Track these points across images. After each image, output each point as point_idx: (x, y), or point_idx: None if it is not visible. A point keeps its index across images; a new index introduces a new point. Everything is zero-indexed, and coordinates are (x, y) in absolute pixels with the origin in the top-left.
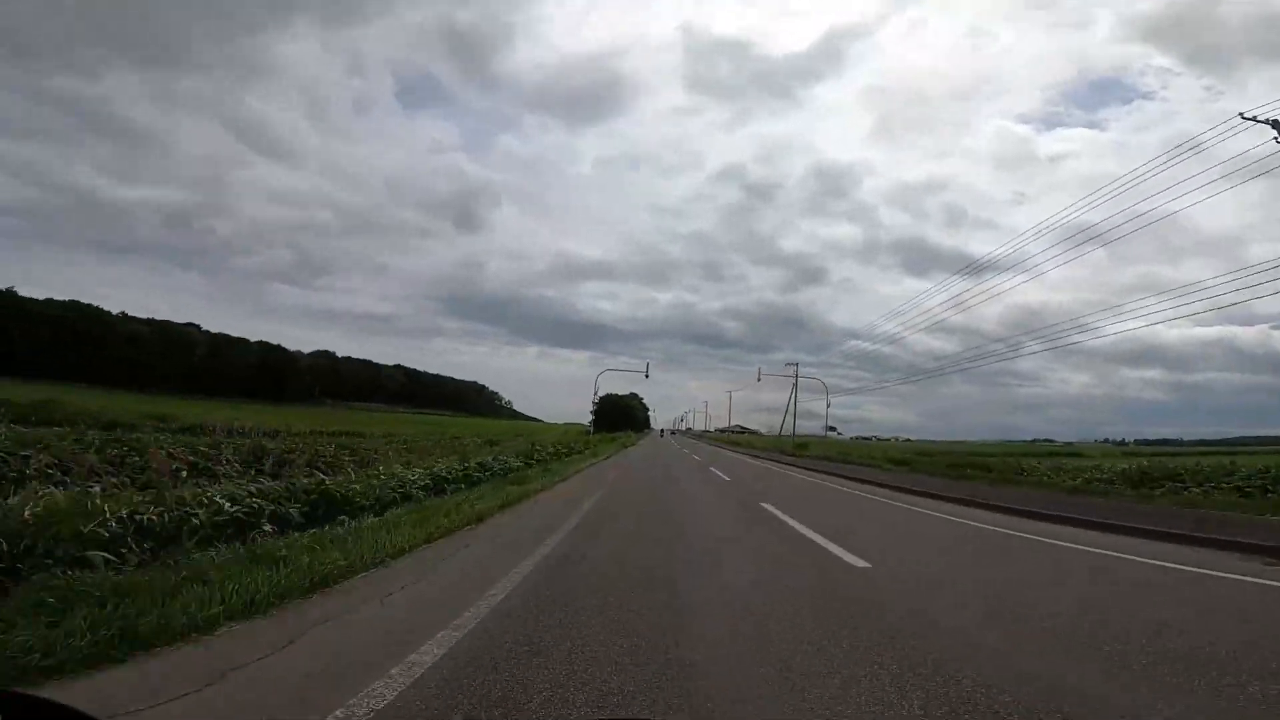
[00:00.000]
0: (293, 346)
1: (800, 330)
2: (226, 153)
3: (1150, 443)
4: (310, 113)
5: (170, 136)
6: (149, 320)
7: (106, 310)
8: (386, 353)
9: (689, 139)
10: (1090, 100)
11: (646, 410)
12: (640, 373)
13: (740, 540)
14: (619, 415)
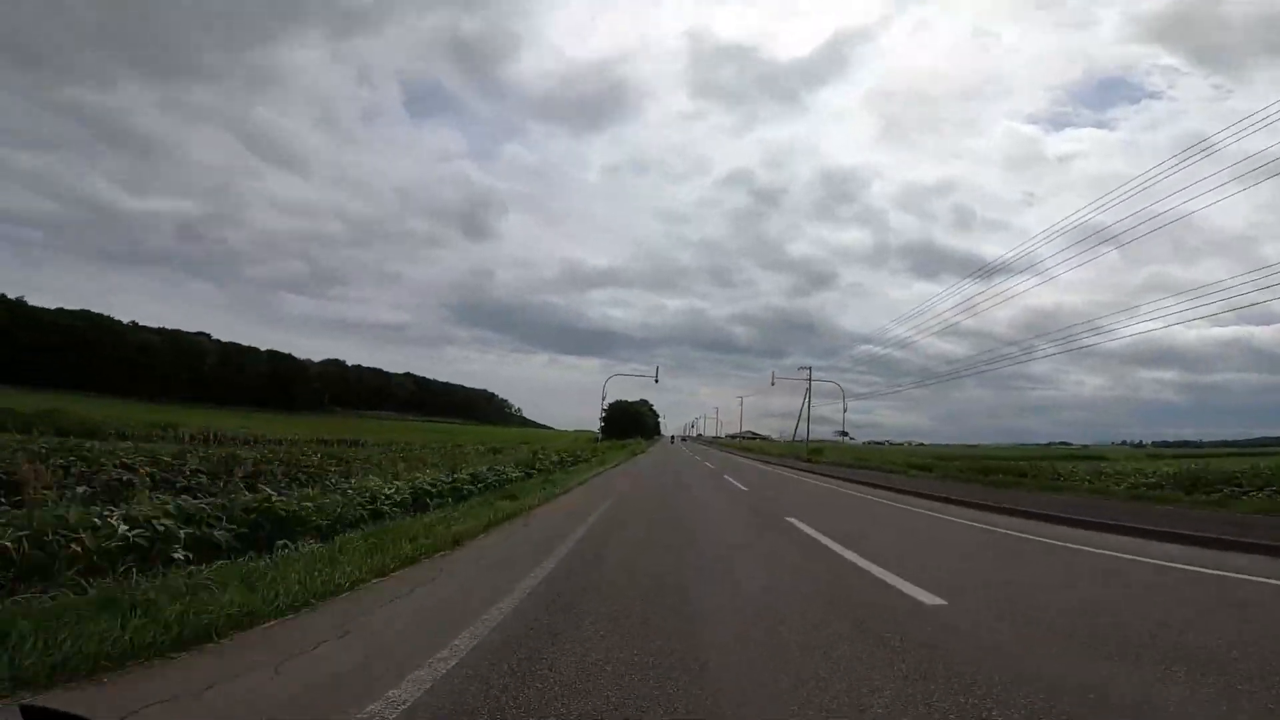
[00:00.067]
0: (304, 356)
1: (810, 335)
2: (237, 163)
3: (1169, 445)
4: (320, 122)
5: (181, 146)
6: (159, 330)
7: (117, 319)
8: (397, 361)
9: (695, 145)
10: (1098, 100)
11: (657, 417)
12: (650, 378)
13: (773, 586)
14: (629, 422)
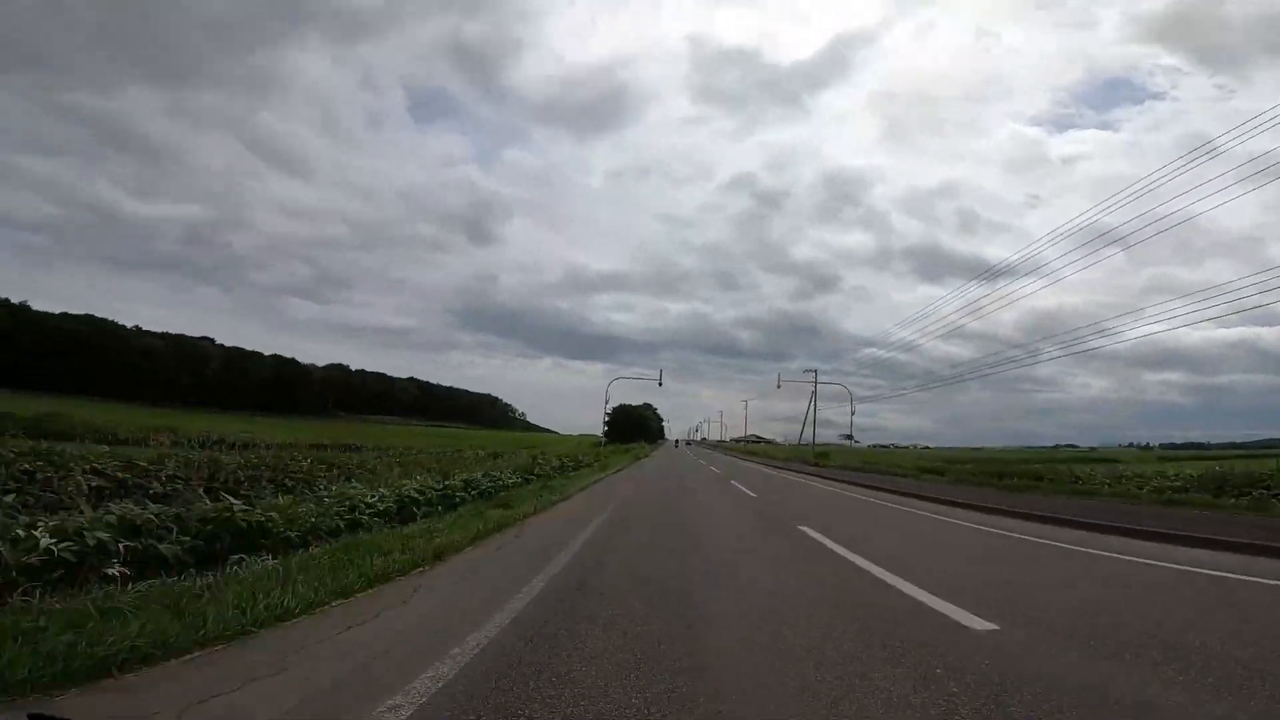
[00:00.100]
0: (310, 361)
1: (814, 338)
2: (242, 167)
3: (1176, 446)
4: (324, 127)
5: (187, 151)
6: (163, 334)
7: (121, 324)
8: (402, 366)
9: (698, 149)
10: (1101, 101)
11: (661, 421)
12: (654, 381)
13: (797, 601)
14: (633, 426)
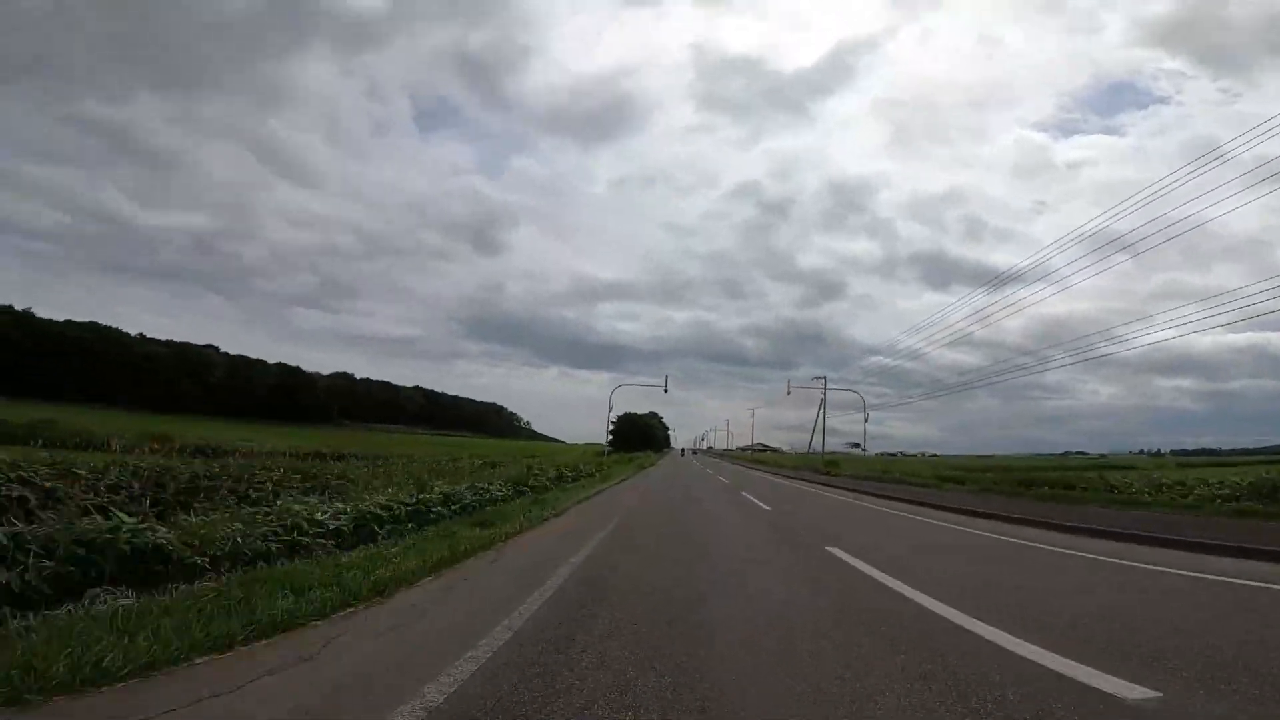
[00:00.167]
0: (314, 369)
1: (820, 346)
2: (249, 177)
3: (1188, 452)
4: (330, 136)
5: (195, 160)
6: (168, 342)
7: (125, 331)
8: (408, 375)
9: (703, 157)
10: (1106, 106)
11: (666, 429)
12: (659, 389)
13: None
14: (638, 435)
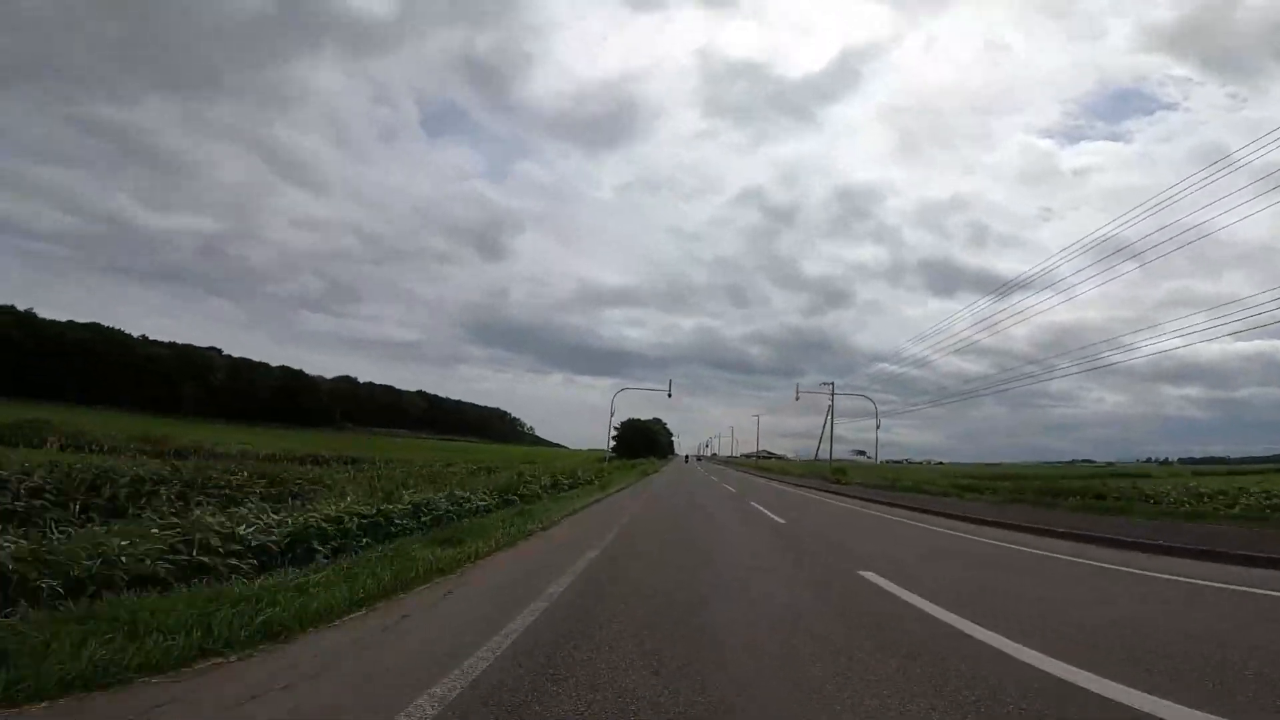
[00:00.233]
0: (322, 374)
1: (825, 353)
2: (256, 180)
3: (1196, 461)
4: (337, 140)
5: (201, 163)
6: (170, 343)
7: (127, 333)
8: (413, 380)
9: (708, 162)
10: (1112, 112)
11: (670, 436)
12: (663, 395)
13: None
14: (642, 441)
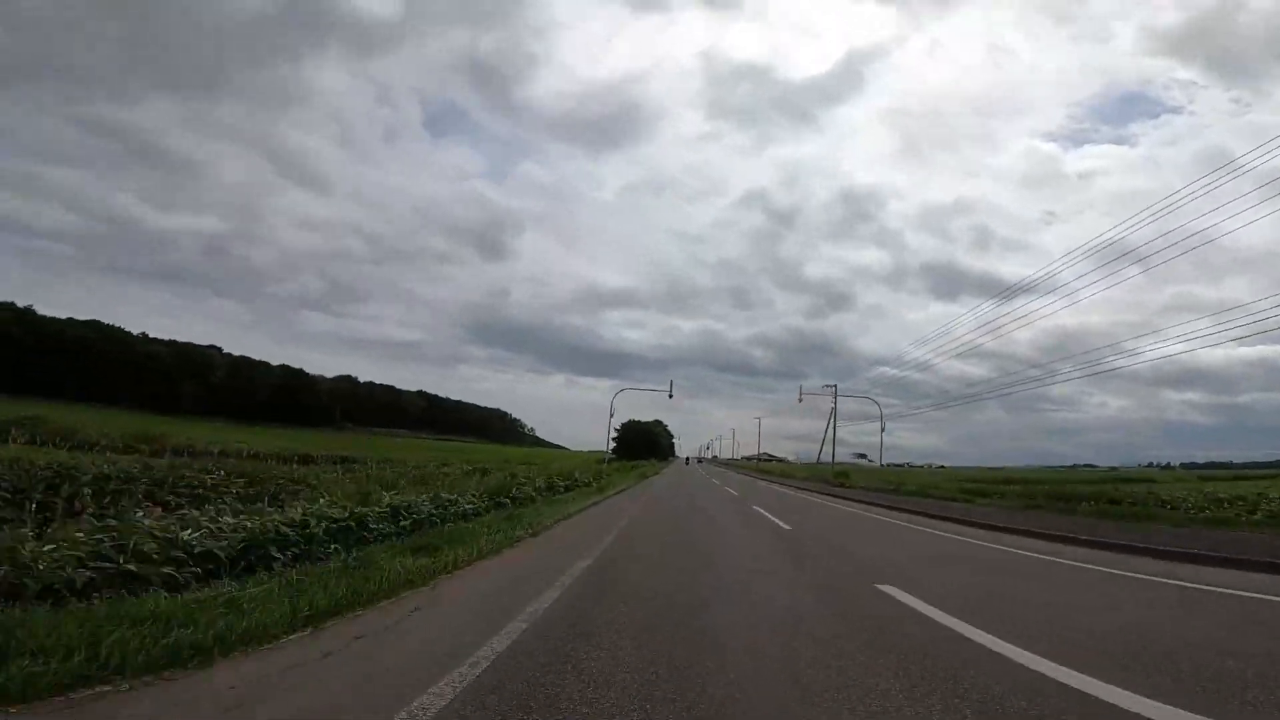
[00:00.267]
0: (322, 374)
1: (827, 356)
2: (259, 180)
3: (1199, 466)
4: (340, 140)
5: (205, 163)
6: (169, 341)
7: (126, 330)
8: (413, 380)
9: (710, 164)
10: (1117, 116)
11: (671, 438)
12: (664, 396)
13: None
14: (642, 442)
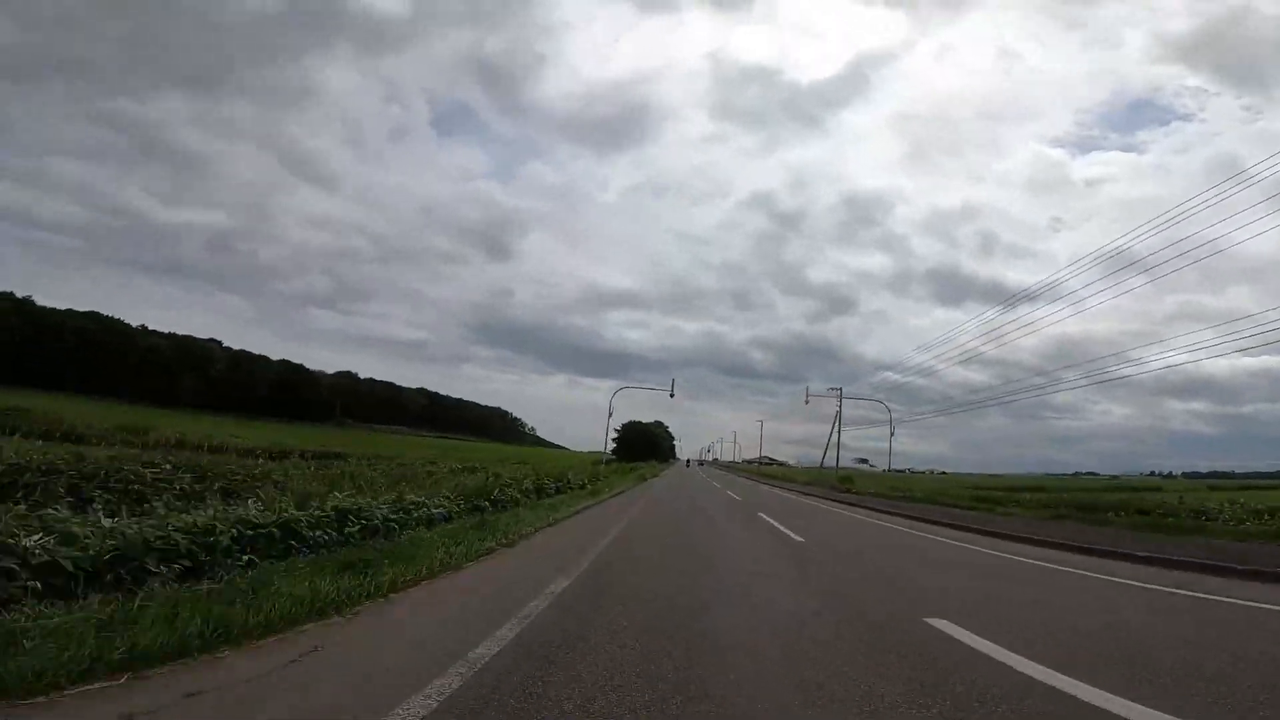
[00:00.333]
0: (323, 369)
1: (829, 360)
2: (268, 177)
3: (1202, 475)
4: (349, 139)
5: (215, 160)
6: (169, 334)
7: (126, 322)
8: (417, 378)
9: (716, 166)
10: (1126, 122)
11: (672, 439)
12: (665, 396)
13: None
14: (643, 443)
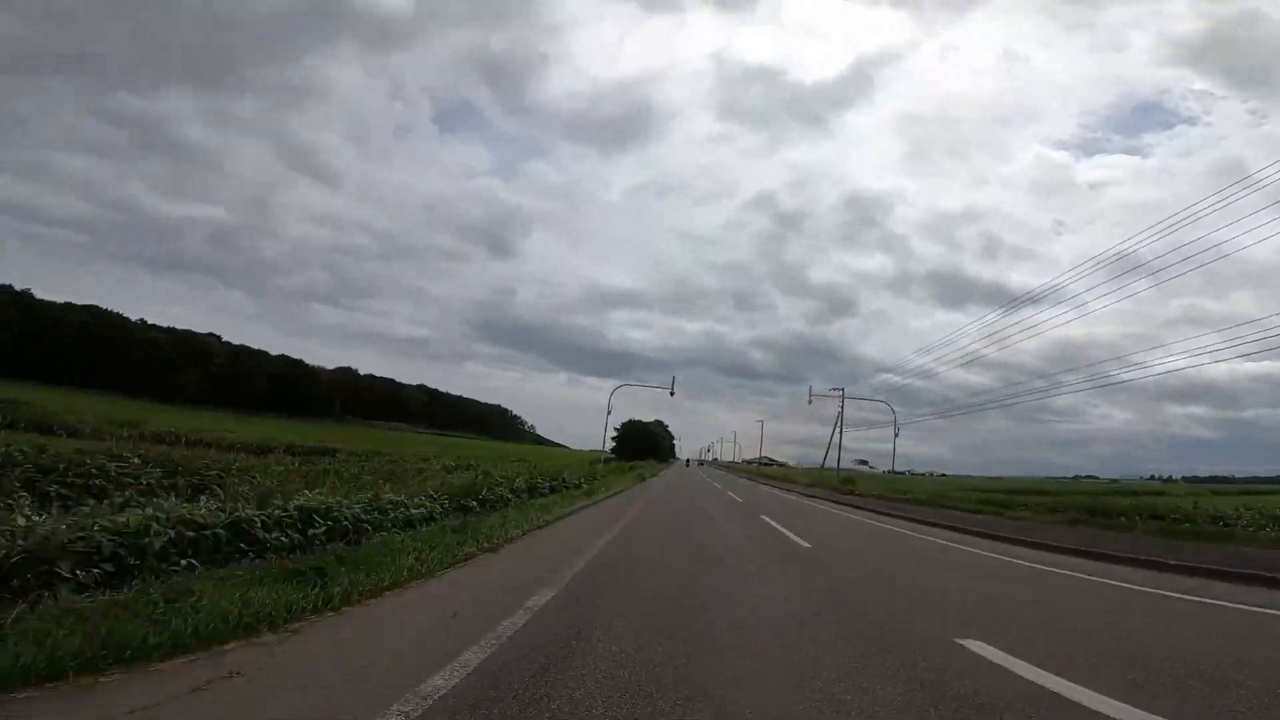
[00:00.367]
0: (323, 365)
1: (830, 361)
2: (271, 174)
3: (1201, 480)
4: (352, 136)
5: (220, 155)
6: (168, 328)
7: (125, 316)
8: (417, 375)
9: (719, 166)
10: (1130, 125)
11: (672, 439)
12: (665, 395)
13: None
14: (642, 442)
